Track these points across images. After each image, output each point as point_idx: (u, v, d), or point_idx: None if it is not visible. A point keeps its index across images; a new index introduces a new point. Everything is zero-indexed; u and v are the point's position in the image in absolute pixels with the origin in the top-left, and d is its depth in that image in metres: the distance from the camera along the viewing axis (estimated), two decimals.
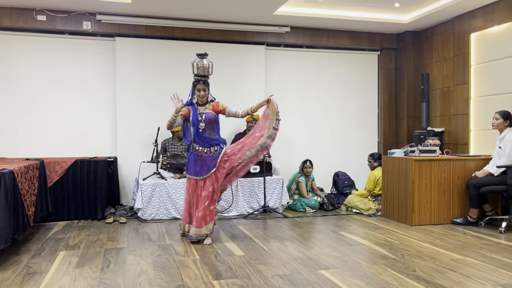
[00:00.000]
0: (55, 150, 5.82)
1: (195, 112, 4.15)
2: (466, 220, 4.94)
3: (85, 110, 5.96)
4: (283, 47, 6.74)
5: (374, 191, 5.82)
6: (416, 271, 3.28)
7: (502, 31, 5.39)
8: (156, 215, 5.30)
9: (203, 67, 4.13)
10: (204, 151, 4.13)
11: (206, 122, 4.14)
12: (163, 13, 5.84)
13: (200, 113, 4.15)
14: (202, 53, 4.17)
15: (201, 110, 4.16)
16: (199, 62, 4.13)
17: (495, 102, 5.43)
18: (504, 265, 3.41)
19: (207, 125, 4.15)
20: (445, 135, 6.30)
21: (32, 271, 3.35)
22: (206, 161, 4.13)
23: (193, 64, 4.15)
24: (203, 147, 4.13)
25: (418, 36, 6.87)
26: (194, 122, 4.11)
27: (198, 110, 4.17)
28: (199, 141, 4.12)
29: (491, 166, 4.87)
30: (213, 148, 4.14)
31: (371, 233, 4.58)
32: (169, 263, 3.54)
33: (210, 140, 4.13)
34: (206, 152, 4.13)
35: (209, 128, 4.17)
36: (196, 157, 4.15)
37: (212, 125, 4.18)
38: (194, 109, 4.16)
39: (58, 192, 5.25)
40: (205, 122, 4.13)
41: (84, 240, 4.32)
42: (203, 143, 4.12)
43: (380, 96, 7.22)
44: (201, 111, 4.16)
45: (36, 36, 5.77)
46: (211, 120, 4.16)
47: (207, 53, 4.18)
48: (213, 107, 4.20)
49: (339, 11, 6.09)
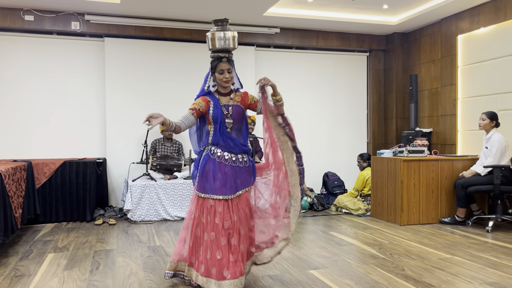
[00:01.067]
0: (43, 151, 5.77)
1: (217, 103, 2.88)
2: (453, 219, 5.00)
3: (74, 111, 5.92)
4: (273, 48, 6.76)
5: (363, 191, 5.87)
6: (405, 270, 3.32)
7: (488, 33, 5.47)
8: (145, 217, 5.28)
9: (225, 38, 2.86)
10: (233, 159, 2.84)
11: (235, 118, 2.88)
12: (152, 14, 5.82)
13: (224, 105, 2.89)
14: (221, 19, 2.90)
15: (225, 102, 2.92)
16: (219, 32, 2.86)
17: (482, 103, 5.51)
18: (491, 264, 3.46)
19: (235, 122, 2.88)
20: (433, 136, 6.37)
21: (20, 273, 3.31)
22: (238, 172, 2.85)
23: (209, 36, 2.87)
24: (230, 153, 2.85)
25: (406, 37, 6.94)
26: (217, 118, 2.84)
27: (221, 101, 2.91)
28: (224, 144, 2.85)
29: (478, 166, 4.94)
30: (241, 157, 2.89)
31: (361, 233, 4.62)
32: (159, 264, 3.53)
33: (239, 144, 2.87)
34: (235, 161, 2.85)
35: (237, 128, 2.90)
36: (220, 166, 2.82)
37: (240, 124, 2.91)
38: (216, 100, 2.89)
39: (46, 193, 5.20)
40: (233, 118, 2.87)
41: (72, 242, 4.29)
42: (230, 148, 2.84)
43: (369, 97, 7.27)
44: (225, 103, 2.91)
45: (23, 36, 5.71)
46: (241, 116, 2.90)
47: (227, 19, 2.90)
48: (241, 98, 2.96)
49: (329, 13, 6.12)
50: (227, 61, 2.86)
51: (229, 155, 2.84)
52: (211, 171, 2.80)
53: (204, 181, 2.81)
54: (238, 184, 2.81)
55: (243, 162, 2.88)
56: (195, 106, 2.85)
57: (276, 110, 2.91)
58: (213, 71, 2.89)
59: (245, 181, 2.85)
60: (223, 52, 2.87)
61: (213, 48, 2.88)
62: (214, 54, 2.90)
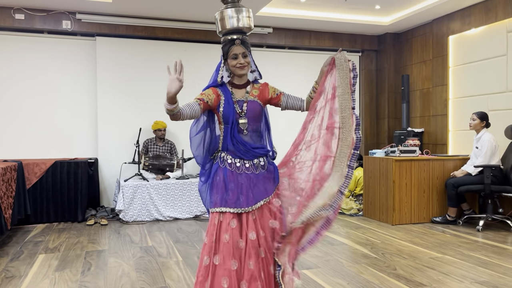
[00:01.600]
0: (34, 151, 5.71)
1: (229, 99, 2.29)
2: (445, 219, 5.04)
3: (65, 111, 5.87)
4: (265, 48, 6.76)
5: (355, 191, 5.89)
6: (396, 269, 3.34)
7: (479, 34, 5.51)
8: (138, 217, 5.26)
9: (237, 17, 2.31)
10: (246, 166, 2.27)
11: (249, 117, 2.30)
12: (144, 13, 5.79)
13: (238, 100, 2.30)
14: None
15: (240, 96, 2.32)
16: (230, 10, 2.31)
17: (473, 103, 5.55)
18: (482, 263, 3.49)
19: (250, 122, 2.30)
20: (424, 136, 6.41)
21: (10, 275, 3.28)
22: (255, 180, 2.27)
23: (218, 16, 2.33)
24: (242, 160, 2.27)
25: (398, 38, 6.98)
26: (229, 117, 2.26)
27: (234, 95, 2.32)
28: (234, 149, 2.27)
29: (468, 166, 4.98)
30: (257, 161, 2.30)
31: (353, 233, 4.64)
32: (151, 265, 3.51)
33: (252, 149, 2.28)
34: (249, 167, 2.28)
35: (252, 129, 2.32)
36: (233, 175, 2.26)
37: (257, 124, 2.34)
38: (228, 94, 2.31)
39: (37, 194, 5.15)
40: (247, 117, 2.29)
41: (64, 243, 4.25)
42: (241, 154, 2.27)
43: (361, 97, 7.30)
44: (239, 98, 2.32)
45: (14, 35, 5.65)
46: (257, 115, 2.32)
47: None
48: (260, 92, 2.37)
49: (321, 13, 6.14)
50: (241, 44, 2.29)
51: (241, 162, 2.27)
52: (222, 181, 2.25)
53: (215, 194, 2.26)
54: (256, 195, 2.23)
55: (260, 167, 2.29)
56: (203, 97, 2.23)
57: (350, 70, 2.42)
58: (225, 57, 2.31)
59: (264, 191, 2.26)
60: (235, 33, 2.32)
61: (223, 29, 2.32)
62: (225, 36, 2.33)
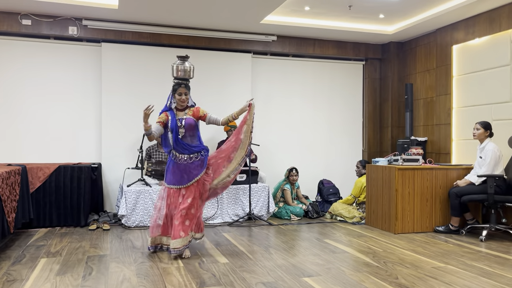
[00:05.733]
0: (38, 156, 5.75)
1: (174, 117, 3.94)
2: (448, 228, 5.01)
3: (70, 116, 5.91)
4: (269, 56, 6.80)
5: (359, 199, 5.88)
6: (398, 278, 3.32)
7: (483, 44, 5.52)
8: (140, 222, 5.26)
9: (184, 70, 3.95)
10: (184, 159, 3.92)
11: (186, 128, 3.93)
12: (150, 20, 5.84)
13: (179, 118, 3.94)
14: (183, 55, 4.00)
15: (181, 116, 3.97)
16: (180, 65, 3.95)
17: (476, 113, 5.55)
18: (484, 273, 3.47)
19: (187, 131, 3.94)
20: (428, 145, 6.40)
21: (12, 278, 3.29)
22: (187, 169, 3.92)
23: (173, 66, 3.97)
24: (183, 155, 3.92)
25: (402, 47, 6.99)
26: (173, 128, 3.91)
27: (177, 115, 3.97)
28: (178, 148, 3.92)
29: (472, 175, 4.96)
30: (194, 155, 3.94)
31: (355, 241, 4.62)
32: (152, 270, 3.51)
33: (190, 147, 3.94)
34: (186, 159, 3.92)
35: (190, 135, 3.96)
36: (176, 165, 3.94)
37: (192, 131, 3.98)
38: (173, 115, 3.95)
39: (40, 198, 5.17)
40: (185, 128, 3.92)
41: (66, 247, 4.26)
42: (183, 150, 3.92)
43: (364, 105, 7.31)
44: (180, 117, 3.96)
45: (20, 41, 5.71)
46: (191, 126, 3.96)
47: (188, 56, 4.02)
48: (193, 112, 4.01)
49: (325, 21, 6.17)
50: (185, 87, 3.95)
51: (181, 156, 3.93)
52: (171, 168, 3.97)
53: (168, 175, 4.00)
54: (185, 179, 3.91)
55: (194, 158, 3.94)
56: (160, 119, 3.96)
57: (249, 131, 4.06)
58: (174, 92, 3.97)
59: (195, 172, 3.92)
60: (182, 80, 3.97)
61: (176, 76, 3.99)
62: (175, 80, 3.99)
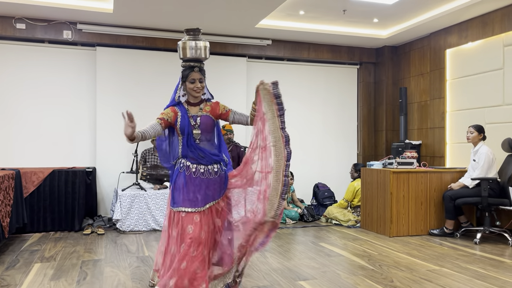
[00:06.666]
0: (32, 160, 5.71)
1: (185, 114, 2.81)
2: (442, 231, 5.03)
3: (64, 120, 5.89)
4: (264, 60, 6.82)
5: (353, 202, 5.89)
6: (393, 281, 3.33)
7: (476, 48, 5.57)
8: (135, 227, 5.24)
9: (196, 48, 2.83)
10: (201, 171, 2.76)
11: (203, 129, 2.81)
12: (145, 24, 5.84)
13: (193, 116, 2.82)
14: (194, 28, 2.86)
15: (194, 112, 2.84)
16: (191, 41, 2.83)
17: (470, 116, 5.59)
18: (479, 276, 3.49)
19: (203, 133, 2.81)
20: (422, 148, 6.43)
21: (5, 283, 3.26)
22: (207, 184, 2.76)
23: (181, 45, 2.84)
24: (199, 165, 2.76)
25: (396, 51, 7.04)
26: (184, 129, 2.78)
27: (190, 111, 2.84)
28: (193, 155, 2.77)
29: (466, 178, 4.99)
30: (212, 168, 2.79)
31: (350, 244, 4.63)
32: (147, 274, 3.50)
33: (209, 155, 2.79)
34: (204, 172, 2.77)
35: (206, 138, 2.84)
36: (190, 180, 2.75)
37: (209, 134, 2.86)
38: (184, 111, 2.82)
39: (34, 202, 5.14)
40: (201, 129, 2.80)
41: (60, 252, 4.24)
42: (199, 159, 2.76)
43: (359, 109, 7.34)
44: (194, 113, 2.84)
45: (15, 45, 5.69)
46: (209, 127, 2.84)
47: (199, 29, 2.88)
48: (212, 108, 2.88)
49: (320, 25, 6.20)
50: (199, 71, 2.82)
51: (197, 167, 2.76)
52: (182, 185, 2.73)
53: (176, 195, 2.74)
54: (208, 196, 2.73)
55: (213, 173, 2.78)
56: (164, 116, 2.77)
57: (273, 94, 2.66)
58: (184, 80, 2.82)
59: (215, 193, 2.76)
60: (194, 61, 2.84)
61: (184, 57, 2.84)
62: (186, 63, 2.84)
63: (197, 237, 2.61)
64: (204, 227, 2.65)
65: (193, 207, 2.68)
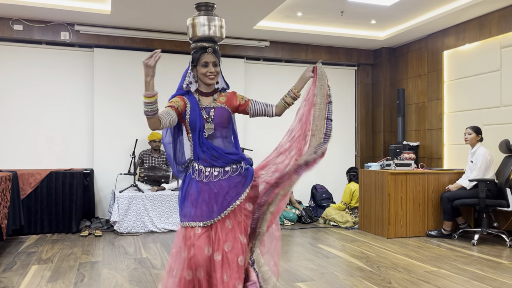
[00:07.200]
0: (29, 162, 5.69)
1: (196, 105, 2.28)
2: (440, 232, 5.04)
3: (62, 121, 5.87)
4: (262, 61, 6.82)
5: (350, 204, 5.89)
6: (391, 283, 3.32)
7: (473, 49, 5.58)
8: (132, 228, 5.23)
9: (209, 25, 2.27)
10: (215, 174, 2.25)
11: (217, 123, 2.29)
12: (142, 25, 5.84)
13: (205, 107, 2.30)
14: (206, 2, 2.30)
15: (207, 103, 2.32)
16: (203, 17, 2.27)
17: (467, 118, 5.60)
18: (477, 277, 3.49)
19: (217, 128, 2.29)
20: (420, 149, 6.44)
21: (3, 285, 3.25)
22: (224, 189, 2.25)
23: (191, 22, 2.29)
24: (213, 168, 2.26)
25: (394, 52, 7.05)
26: (196, 123, 2.25)
27: (201, 102, 2.31)
28: (205, 156, 2.26)
29: (463, 179, 5.00)
30: (230, 168, 2.29)
31: (348, 246, 4.62)
32: (145, 276, 3.49)
33: (224, 155, 2.28)
34: (218, 175, 2.26)
35: (222, 135, 2.32)
36: (202, 187, 2.24)
37: (225, 129, 2.34)
38: (194, 101, 2.30)
39: (31, 204, 5.12)
40: (214, 123, 2.28)
41: (57, 254, 4.22)
42: (212, 160, 2.26)
43: (357, 110, 7.34)
44: (206, 105, 2.31)
45: (12, 46, 5.68)
46: (225, 121, 2.32)
47: (213, 3, 2.32)
48: (227, 98, 2.37)
49: (318, 27, 6.21)
50: (213, 52, 2.27)
51: (210, 170, 2.25)
52: (193, 194, 2.23)
53: (186, 207, 2.24)
54: (223, 205, 2.21)
55: (231, 173, 2.28)
56: (173, 104, 2.23)
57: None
58: (195, 64, 2.29)
59: (232, 198, 2.23)
60: (206, 41, 2.29)
61: (194, 36, 2.29)
62: (197, 44, 2.30)
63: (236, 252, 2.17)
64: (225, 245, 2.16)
65: (211, 218, 2.19)
